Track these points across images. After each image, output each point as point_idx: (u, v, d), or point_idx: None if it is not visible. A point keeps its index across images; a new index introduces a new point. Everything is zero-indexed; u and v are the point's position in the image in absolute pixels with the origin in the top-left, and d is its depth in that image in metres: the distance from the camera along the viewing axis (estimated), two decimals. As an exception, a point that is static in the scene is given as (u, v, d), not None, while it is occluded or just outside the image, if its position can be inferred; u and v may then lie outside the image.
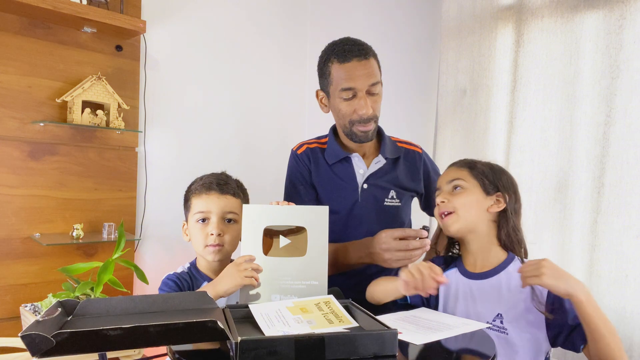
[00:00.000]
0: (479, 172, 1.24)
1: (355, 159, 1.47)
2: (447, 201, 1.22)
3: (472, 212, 1.21)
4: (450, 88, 2.30)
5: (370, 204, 1.45)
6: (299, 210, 1.17)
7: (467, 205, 1.21)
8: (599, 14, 1.77)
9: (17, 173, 1.75)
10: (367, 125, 1.38)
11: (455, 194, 1.23)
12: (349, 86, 1.35)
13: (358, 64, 1.35)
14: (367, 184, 1.46)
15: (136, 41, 1.98)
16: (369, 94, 1.36)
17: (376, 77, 1.37)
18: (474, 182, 1.23)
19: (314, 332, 0.90)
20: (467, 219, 1.20)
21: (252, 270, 1.10)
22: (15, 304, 1.72)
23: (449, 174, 1.27)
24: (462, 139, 2.23)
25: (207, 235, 1.24)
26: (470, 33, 2.19)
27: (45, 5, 1.63)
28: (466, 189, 1.22)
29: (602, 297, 1.70)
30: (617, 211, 1.68)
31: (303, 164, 1.50)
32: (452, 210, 1.21)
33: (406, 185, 1.49)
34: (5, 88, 1.72)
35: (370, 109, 1.36)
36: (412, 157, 1.53)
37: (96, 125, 1.81)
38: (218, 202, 1.26)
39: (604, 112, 1.73)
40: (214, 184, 1.28)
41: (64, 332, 0.73)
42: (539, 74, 1.93)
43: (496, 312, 1.18)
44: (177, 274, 1.27)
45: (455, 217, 1.21)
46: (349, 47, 1.37)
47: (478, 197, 1.21)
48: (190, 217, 1.29)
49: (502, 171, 1.27)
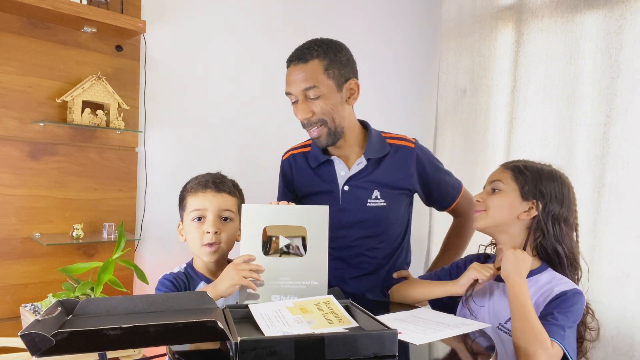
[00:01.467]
0: (522, 176, 1.22)
1: (336, 161, 1.45)
2: (482, 201, 1.26)
3: (503, 214, 1.22)
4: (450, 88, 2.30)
5: (353, 205, 1.42)
6: (298, 210, 1.16)
7: (499, 206, 1.22)
8: (599, 14, 1.77)
9: (17, 173, 1.75)
10: (312, 130, 1.37)
11: (493, 194, 1.25)
12: (286, 91, 1.37)
13: (294, 69, 1.34)
14: (348, 185, 1.43)
15: (136, 41, 1.98)
16: (307, 98, 1.34)
17: (310, 82, 1.32)
18: (514, 185, 1.22)
19: (314, 332, 0.90)
20: (495, 219, 1.23)
21: (250, 271, 1.09)
22: (15, 304, 1.72)
23: (494, 174, 1.29)
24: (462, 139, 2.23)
25: (203, 233, 1.23)
26: (470, 33, 2.19)
27: (45, 5, 1.63)
28: (504, 191, 1.23)
29: (603, 297, 1.70)
30: (617, 211, 1.68)
31: (287, 171, 1.54)
32: (484, 209, 1.25)
33: (394, 184, 1.44)
34: (5, 88, 1.72)
35: (308, 114, 1.34)
36: (403, 153, 1.46)
37: (96, 125, 1.81)
38: (214, 200, 1.25)
39: (604, 112, 1.73)
40: (209, 182, 1.27)
41: (63, 332, 0.73)
42: (539, 74, 1.93)
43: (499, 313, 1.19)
44: (173, 273, 1.26)
45: (484, 214, 1.24)
46: (294, 52, 1.37)
47: (513, 200, 1.21)
48: (186, 216, 1.28)
49: (553, 178, 1.22)
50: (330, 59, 1.34)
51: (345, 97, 1.38)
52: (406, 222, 1.53)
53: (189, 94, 2.15)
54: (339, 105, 1.36)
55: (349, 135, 1.43)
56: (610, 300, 1.70)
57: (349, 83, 1.38)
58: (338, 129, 1.38)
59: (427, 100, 2.53)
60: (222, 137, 2.24)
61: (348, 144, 1.44)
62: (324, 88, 1.33)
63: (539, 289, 1.18)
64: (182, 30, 2.13)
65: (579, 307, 1.14)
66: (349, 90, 1.38)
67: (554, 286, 1.16)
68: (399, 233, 1.50)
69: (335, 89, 1.35)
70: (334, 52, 1.35)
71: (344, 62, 1.37)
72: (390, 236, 1.47)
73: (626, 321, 1.65)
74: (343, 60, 1.36)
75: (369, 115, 1.66)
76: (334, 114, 1.36)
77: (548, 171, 1.23)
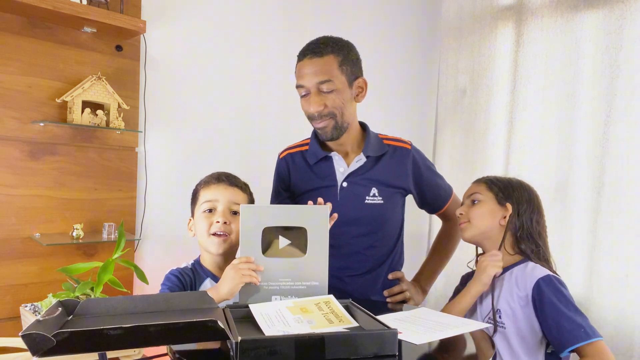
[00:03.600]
0: (495, 185, 1.38)
1: (335, 157, 1.46)
2: (464, 213, 1.39)
3: (485, 221, 1.35)
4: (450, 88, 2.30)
5: (351, 202, 1.44)
6: (298, 210, 1.16)
7: (481, 215, 1.36)
8: (599, 14, 1.77)
9: (17, 173, 1.75)
10: (321, 122, 1.39)
11: (473, 206, 1.38)
12: (299, 83, 1.39)
13: (309, 62, 1.36)
14: (346, 182, 1.45)
15: (136, 41, 1.98)
16: (321, 91, 1.36)
17: (326, 75, 1.35)
18: (489, 194, 1.37)
19: (314, 332, 0.90)
20: (479, 227, 1.35)
21: (250, 270, 1.09)
22: (15, 304, 1.72)
23: (470, 189, 1.43)
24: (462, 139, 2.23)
25: (212, 223, 1.24)
26: (470, 33, 2.19)
27: (45, 5, 1.63)
28: (482, 201, 1.37)
29: (603, 297, 1.70)
30: (617, 211, 1.68)
31: (283, 170, 1.54)
32: (467, 221, 1.37)
33: (391, 183, 1.47)
34: (5, 88, 1.72)
35: (320, 107, 1.36)
36: (400, 154, 1.50)
37: (96, 125, 1.81)
38: (225, 192, 1.27)
39: (604, 112, 1.73)
40: (222, 176, 1.31)
41: (64, 332, 0.73)
42: (538, 74, 1.93)
43: (496, 307, 1.27)
44: (180, 269, 1.27)
45: (468, 225, 1.37)
46: (307, 46, 1.39)
47: (493, 207, 1.35)
48: (197, 209, 1.29)
49: (521, 185, 1.39)
50: (344, 55, 1.39)
51: (354, 95, 1.42)
52: (401, 222, 1.55)
53: (189, 94, 2.16)
54: (348, 101, 1.40)
55: (351, 132, 1.46)
56: (609, 300, 1.70)
57: (358, 81, 1.42)
58: (344, 124, 1.42)
59: (427, 100, 2.54)
60: (222, 137, 2.24)
61: (349, 141, 1.47)
62: (338, 83, 1.37)
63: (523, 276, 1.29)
64: (182, 30, 2.13)
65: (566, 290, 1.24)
66: (358, 88, 1.43)
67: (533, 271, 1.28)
68: (394, 232, 1.52)
69: (347, 85, 1.39)
70: (347, 50, 1.40)
71: (355, 60, 1.41)
72: (386, 235, 1.49)
73: (625, 321, 1.65)
74: (354, 58, 1.41)
75: (369, 114, 1.66)
76: (344, 109, 1.39)
77: (516, 181, 1.40)
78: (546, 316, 1.19)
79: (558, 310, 1.18)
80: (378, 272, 1.48)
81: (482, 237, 1.37)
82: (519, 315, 1.24)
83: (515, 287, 1.27)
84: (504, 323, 1.25)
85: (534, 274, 1.26)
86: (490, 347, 0.99)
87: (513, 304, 1.26)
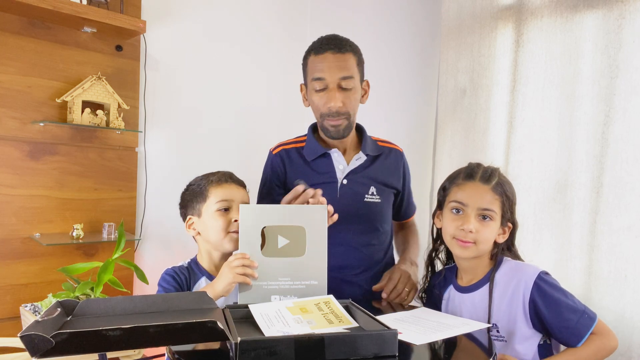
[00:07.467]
0: (507, 201, 1.21)
1: (334, 154, 1.46)
2: (477, 232, 1.17)
3: (489, 244, 1.21)
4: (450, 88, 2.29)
5: (350, 199, 1.44)
6: (297, 210, 1.16)
7: (490, 238, 1.20)
8: (598, 14, 1.77)
9: (17, 173, 1.75)
10: (336, 120, 1.38)
11: (484, 224, 1.18)
12: (319, 76, 1.36)
13: (331, 56, 1.36)
14: (347, 179, 1.45)
15: (136, 41, 1.98)
16: (341, 88, 1.36)
17: (349, 72, 1.36)
18: (500, 212, 1.20)
19: (314, 332, 0.90)
20: (482, 250, 1.20)
21: (244, 266, 1.10)
22: (15, 304, 1.72)
23: (485, 199, 1.20)
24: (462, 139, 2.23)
25: (229, 221, 1.24)
26: (470, 33, 2.19)
27: (45, 5, 1.63)
28: (494, 219, 1.19)
29: (601, 298, 1.70)
30: (617, 211, 1.67)
31: (277, 165, 1.51)
32: (473, 241, 1.18)
33: (387, 182, 1.50)
34: (5, 88, 1.72)
35: (340, 103, 1.36)
36: (395, 156, 1.54)
37: (96, 125, 1.81)
38: (238, 193, 1.28)
39: (604, 112, 1.73)
40: (229, 177, 1.31)
41: (63, 333, 0.73)
42: (538, 74, 1.92)
43: (491, 322, 1.20)
44: (175, 267, 1.27)
45: (474, 247, 1.19)
46: (326, 41, 1.39)
47: (497, 227, 1.21)
48: (207, 207, 1.26)
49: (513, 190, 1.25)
50: (359, 56, 1.41)
51: (360, 95, 1.44)
52: (391, 222, 1.57)
53: (189, 94, 2.16)
54: (358, 100, 1.43)
55: (353, 132, 1.48)
56: (608, 301, 1.70)
57: (364, 83, 1.46)
58: (352, 124, 1.44)
59: (427, 100, 2.53)
60: (222, 137, 2.24)
61: (349, 139, 1.48)
62: (356, 81, 1.39)
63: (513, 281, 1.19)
64: (182, 30, 2.13)
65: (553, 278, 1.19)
66: (363, 90, 1.46)
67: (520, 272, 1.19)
68: (389, 231, 1.54)
69: (360, 85, 1.42)
70: (360, 51, 1.43)
71: (364, 62, 1.44)
72: (383, 233, 1.50)
73: (624, 322, 1.65)
74: (363, 60, 1.44)
75: (368, 114, 1.67)
76: (356, 108, 1.42)
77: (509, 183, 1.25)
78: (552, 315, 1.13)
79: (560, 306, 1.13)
80: (375, 270, 1.48)
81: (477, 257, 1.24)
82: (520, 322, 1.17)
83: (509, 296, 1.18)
84: (504, 336, 1.18)
85: (524, 276, 1.17)
86: (491, 347, 0.99)
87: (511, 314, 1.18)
